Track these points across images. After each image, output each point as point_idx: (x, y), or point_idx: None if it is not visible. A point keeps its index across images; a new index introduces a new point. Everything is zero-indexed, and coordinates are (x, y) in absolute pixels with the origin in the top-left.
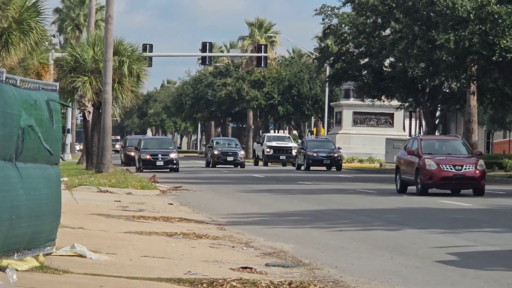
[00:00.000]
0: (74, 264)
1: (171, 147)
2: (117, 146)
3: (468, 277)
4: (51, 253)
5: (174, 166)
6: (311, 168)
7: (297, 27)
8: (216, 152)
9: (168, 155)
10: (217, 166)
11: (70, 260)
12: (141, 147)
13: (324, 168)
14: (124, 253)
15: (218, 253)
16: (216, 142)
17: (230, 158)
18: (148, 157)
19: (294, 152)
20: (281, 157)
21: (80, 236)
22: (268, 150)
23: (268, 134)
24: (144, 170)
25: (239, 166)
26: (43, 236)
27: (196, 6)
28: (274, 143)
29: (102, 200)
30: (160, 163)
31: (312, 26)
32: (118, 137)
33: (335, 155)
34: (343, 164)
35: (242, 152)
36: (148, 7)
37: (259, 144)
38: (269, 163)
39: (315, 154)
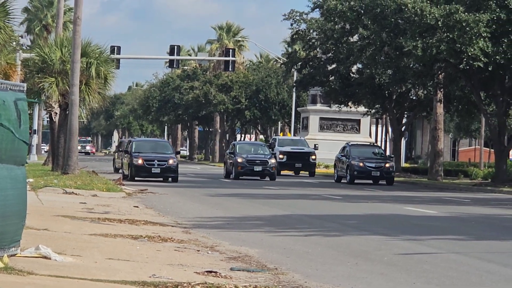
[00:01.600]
0: (39, 265)
1: (169, 152)
2: (88, 148)
3: (432, 284)
4: (16, 254)
5: (173, 175)
6: (356, 181)
7: (266, 31)
8: (239, 160)
9: (166, 161)
10: (241, 177)
11: (34, 261)
12: (133, 150)
13: (371, 181)
14: (89, 255)
15: (183, 257)
16: (239, 147)
17: (258, 168)
18: (140, 162)
19: (312, 159)
20: (296, 165)
21: (45, 238)
22: (281, 156)
23: (280, 137)
24: (136, 179)
25: (267, 178)
26: (8, 237)
27: (169, 9)
28: (288, 148)
29: (67, 201)
30: (156, 170)
31: (281, 31)
32: (89, 138)
33: (386, 165)
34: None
35: (273, 161)
36: (121, 9)
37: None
38: (281, 171)
39: (361, 164)
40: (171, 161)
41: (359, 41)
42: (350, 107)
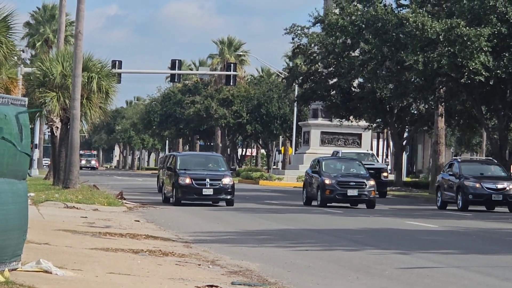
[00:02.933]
0: (40, 280)
1: (223, 168)
2: (93, 163)
3: None
4: (17, 268)
5: (229, 197)
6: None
7: (268, 46)
8: (328, 182)
9: (220, 180)
10: (328, 204)
11: (35, 275)
12: (178, 167)
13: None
14: (90, 269)
15: (184, 271)
16: (325, 164)
17: (352, 192)
18: (188, 181)
19: (384, 177)
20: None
21: (46, 252)
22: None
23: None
24: (183, 202)
25: (364, 205)
26: (9, 251)
27: (174, 24)
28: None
29: (68, 216)
30: (208, 191)
31: (283, 46)
32: (95, 152)
33: (510, 187)
34: None
35: (372, 183)
36: (126, 24)
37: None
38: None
39: (477, 186)
40: (226, 180)
41: (360, 56)
42: (352, 121)
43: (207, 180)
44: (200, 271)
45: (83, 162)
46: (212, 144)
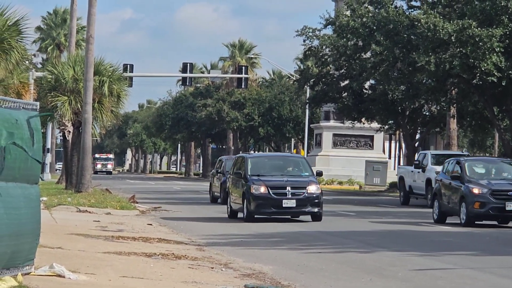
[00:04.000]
0: (53, 284)
1: (306, 173)
2: (109, 167)
3: None
4: (30, 272)
5: (317, 210)
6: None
7: (281, 48)
8: (477, 191)
9: (304, 188)
10: (477, 222)
11: (48, 280)
12: (249, 172)
13: None
14: (103, 273)
15: (197, 274)
16: (468, 167)
17: None
18: (263, 190)
19: None
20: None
21: (59, 256)
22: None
23: (432, 152)
24: (257, 217)
25: None
26: (22, 256)
27: (188, 27)
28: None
29: (81, 220)
30: (289, 203)
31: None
32: (111, 156)
33: None
34: (325, 186)
35: None
36: (141, 27)
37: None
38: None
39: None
40: (312, 188)
41: (372, 57)
42: (363, 123)
43: (288, 188)
44: (213, 274)
45: (99, 166)
46: (224, 147)
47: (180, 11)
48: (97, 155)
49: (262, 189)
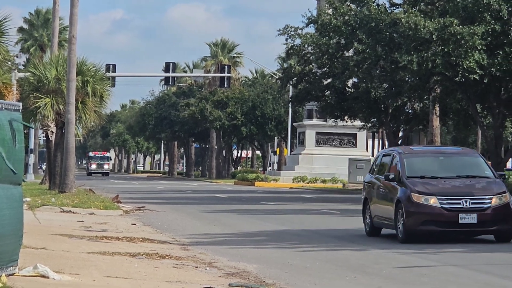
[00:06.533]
0: (37, 284)
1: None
2: (106, 167)
3: None
4: (14, 273)
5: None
6: None
7: (269, 48)
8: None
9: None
10: None
11: (32, 280)
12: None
13: None
14: (87, 273)
15: (181, 274)
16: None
17: None
18: (433, 202)
19: None
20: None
21: (43, 257)
22: None
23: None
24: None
25: None
26: (6, 257)
27: (179, 28)
28: None
29: (65, 220)
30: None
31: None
32: (108, 154)
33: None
34: (308, 184)
35: None
36: (131, 28)
37: None
38: None
39: (432, 201)
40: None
41: (354, 56)
42: (346, 122)
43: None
44: (197, 273)
45: (94, 166)
46: (207, 146)
47: (172, 11)
48: (91, 154)
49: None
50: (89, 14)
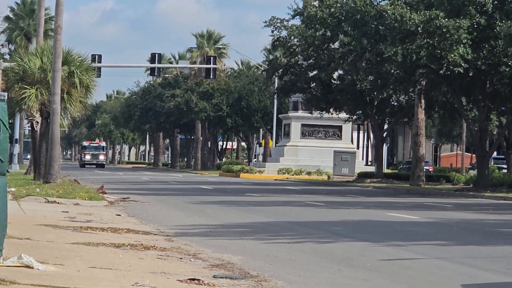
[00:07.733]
0: (21, 275)
1: None
2: (102, 158)
3: None
4: None
5: None
6: None
7: (256, 39)
8: None
9: None
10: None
11: (17, 270)
12: None
13: None
14: (72, 264)
15: (165, 265)
16: None
17: None
18: None
19: None
20: None
21: (27, 247)
22: None
23: None
24: None
25: None
26: None
27: (169, 19)
28: None
29: (49, 211)
30: None
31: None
32: (103, 144)
33: None
34: (293, 176)
35: None
36: (121, 19)
37: None
38: None
39: None
40: None
41: (340, 48)
42: (332, 114)
43: None
44: (181, 264)
45: (88, 157)
46: (192, 137)
47: (162, 2)
48: (85, 143)
49: None
50: (79, 4)
